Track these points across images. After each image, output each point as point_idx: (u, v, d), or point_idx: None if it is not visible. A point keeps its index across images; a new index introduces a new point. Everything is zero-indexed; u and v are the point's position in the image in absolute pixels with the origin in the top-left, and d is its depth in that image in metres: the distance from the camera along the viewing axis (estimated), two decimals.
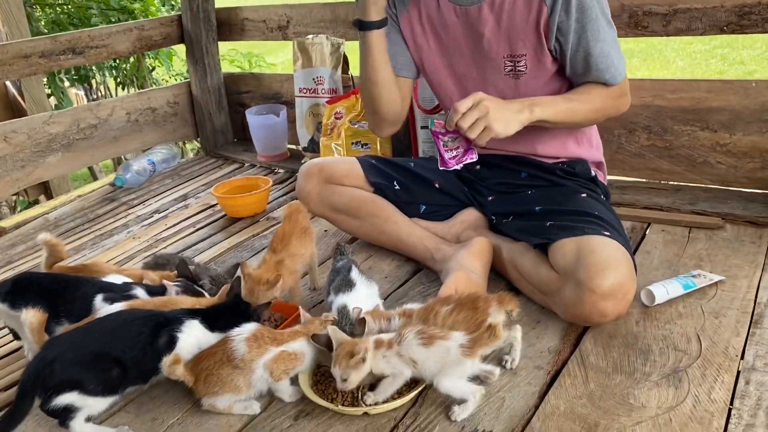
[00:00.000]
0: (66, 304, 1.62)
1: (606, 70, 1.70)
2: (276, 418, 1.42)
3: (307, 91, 2.96)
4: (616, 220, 1.75)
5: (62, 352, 1.38)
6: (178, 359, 1.38)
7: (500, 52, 1.77)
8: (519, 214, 1.85)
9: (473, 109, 1.60)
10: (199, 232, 2.50)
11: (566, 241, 1.62)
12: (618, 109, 1.84)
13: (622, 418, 1.32)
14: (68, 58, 2.87)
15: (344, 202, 2.05)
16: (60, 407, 1.35)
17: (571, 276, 1.55)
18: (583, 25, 1.65)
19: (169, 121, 3.37)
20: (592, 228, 1.62)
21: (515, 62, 1.76)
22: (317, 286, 1.92)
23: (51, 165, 2.89)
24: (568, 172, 1.90)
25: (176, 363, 1.37)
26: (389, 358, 1.37)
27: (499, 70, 1.79)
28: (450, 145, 1.76)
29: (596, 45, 1.66)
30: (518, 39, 1.72)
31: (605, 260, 1.52)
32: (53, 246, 1.80)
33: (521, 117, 1.66)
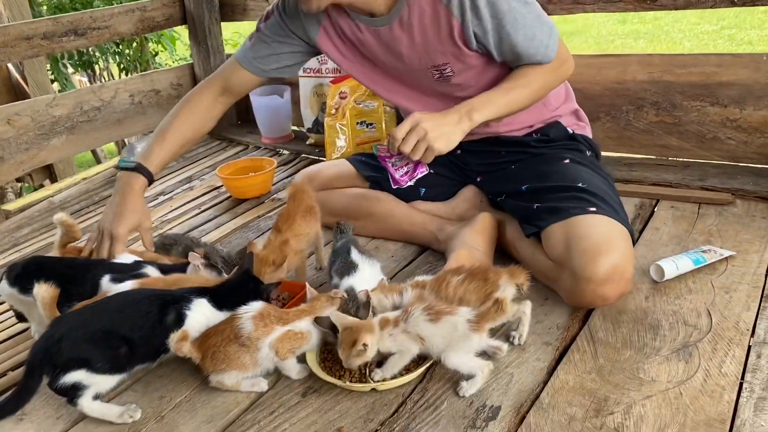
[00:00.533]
0: (78, 287, 1.62)
1: (535, 53, 1.64)
2: (284, 395, 1.41)
3: (311, 71, 2.93)
4: (605, 184, 1.72)
5: (70, 329, 1.38)
6: (186, 336, 1.37)
7: (423, 65, 1.73)
8: (508, 193, 1.83)
9: (412, 133, 1.60)
10: (204, 214, 2.49)
11: (555, 227, 1.60)
12: (562, 78, 1.77)
13: (632, 392, 1.31)
14: (70, 39, 2.85)
15: (341, 204, 2.06)
16: (68, 385, 1.35)
17: (566, 265, 1.55)
18: (499, 21, 1.58)
19: (172, 104, 3.28)
20: (578, 206, 1.60)
21: (441, 70, 1.72)
22: (323, 265, 1.91)
23: (55, 148, 2.88)
24: (543, 140, 1.87)
25: (183, 340, 1.37)
26: (396, 335, 1.36)
27: (428, 77, 1.77)
28: (398, 164, 1.78)
29: (518, 35, 1.59)
30: (436, 52, 1.68)
31: (596, 244, 1.50)
32: (68, 226, 1.79)
33: (462, 127, 1.63)
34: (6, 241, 2.42)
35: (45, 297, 1.45)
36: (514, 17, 1.58)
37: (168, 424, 1.37)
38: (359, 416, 1.33)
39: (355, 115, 2.61)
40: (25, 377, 1.36)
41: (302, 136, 3.14)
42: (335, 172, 2.10)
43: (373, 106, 2.60)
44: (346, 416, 1.34)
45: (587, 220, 1.56)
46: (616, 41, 7.21)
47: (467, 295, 1.42)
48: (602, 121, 2.43)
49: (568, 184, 1.68)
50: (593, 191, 1.64)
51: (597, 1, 2.29)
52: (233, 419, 1.37)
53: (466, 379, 1.35)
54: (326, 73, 2.89)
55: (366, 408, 1.35)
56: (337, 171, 2.11)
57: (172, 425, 1.36)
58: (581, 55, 2.60)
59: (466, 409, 1.32)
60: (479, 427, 1.27)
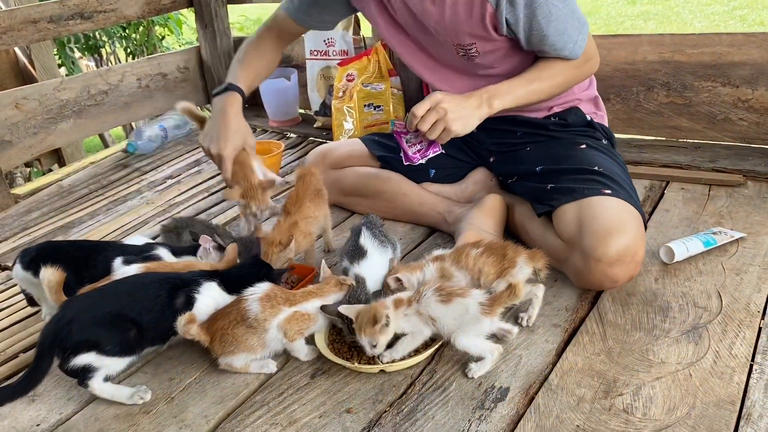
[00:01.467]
0: (90, 270, 1.63)
1: (563, 47, 1.62)
2: (293, 377, 1.42)
3: (318, 54, 2.91)
4: (620, 169, 1.71)
5: (79, 312, 1.38)
6: (193, 318, 1.37)
7: (449, 41, 1.71)
8: (521, 175, 1.82)
9: (431, 112, 1.63)
10: (212, 197, 2.49)
11: (567, 207, 1.59)
12: (586, 75, 1.78)
13: (641, 373, 1.30)
14: (77, 23, 2.84)
15: (351, 183, 2.06)
16: (78, 367, 1.36)
17: (576, 245, 1.53)
18: (532, 11, 1.55)
19: (180, 87, 3.34)
20: (592, 188, 1.59)
21: (466, 49, 1.71)
22: (331, 248, 1.91)
23: (63, 132, 2.88)
24: (561, 125, 1.86)
25: (191, 322, 1.37)
26: (410, 316, 1.36)
27: (452, 54, 1.75)
28: (413, 141, 1.77)
29: (549, 26, 1.57)
30: (464, 32, 1.66)
31: (608, 225, 1.49)
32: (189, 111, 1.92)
33: (480, 113, 1.65)
34: (15, 225, 2.43)
35: (51, 281, 1.45)
36: (548, 9, 1.55)
37: (178, 405, 1.38)
38: (368, 397, 1.34)
39: (363, 98, 2.60)
40: (36, 359, 1.36)
41: (310, 119, 3.13)
42: (347, 150, 2.10)
43: (381, 89, 2.59)
44: (354, 397, 1.34)
45: (601, 202, 1.55)
46: (626, 23, 7.12)
47: (486, 267, 1.44)
48: (612, 102, 2.41)
49: (583, 167, 1.67)
50: (608, 174, 1.63)
51: None
52: (243, 400, 1.37)
53: (475, 360, 1.35)
54: (333, 55, 2.87)
55: (375, 389, 1.35)
56: (349, 150, 2.10)
57: (182, 406, 1.37)
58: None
59: (475, 390, 1.32)
60: (488, 408, 1.27)
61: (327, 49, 2.88)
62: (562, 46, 1.62)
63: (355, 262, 1.56)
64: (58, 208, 2.55)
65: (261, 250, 1.64)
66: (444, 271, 1.49)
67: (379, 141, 2.06)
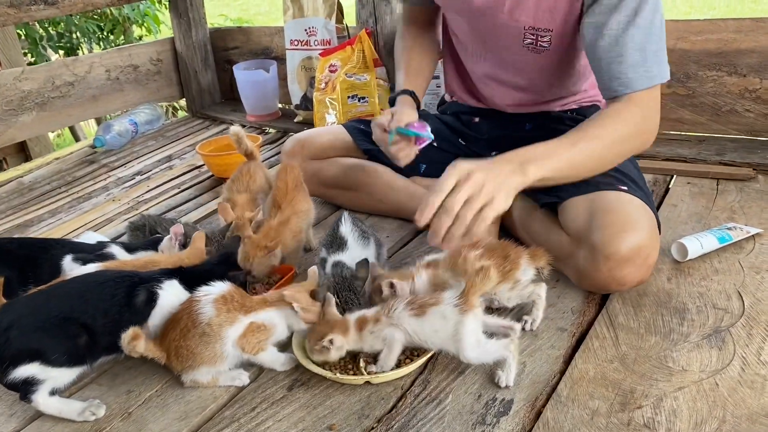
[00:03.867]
0: (34, 269, 1.46)
1: (633, 66, 1.33)
2: (267, 389, 1.25)
3: (298, 44, 2.75)
4: (636, 171, 1.57)
5: (20, 317, 1.20)
6: (138, 334, 1.18)
7: (522, 22, 1.50)
8: None
9: (461, 186, 1.20)
10: (183, 194, 2.31)
11: (578, 199, 1.43)
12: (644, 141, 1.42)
13: (661, 383, 1.15)
14: (40, 8, 2.65)
15: (334, 174, 1.89)
16: (20, 380, 1.18)
17: (584, 240, 1.37)
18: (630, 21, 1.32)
19: (152, 80, 3.16)
20: (607, 182, 1.43)
21: (538, 35, 1.50)
22: (312, 246, 1.75)
23: (25, 125, 2.69)
24: (577, 120, 1.63)
25: (136, 339, 1.18)
26: (378, 333, 1.21)
27: (516, 40, 1.54)
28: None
29: (629, 29, 1.32)
30: (546, 12, 1.45)
31: (623, 220, 1.33)
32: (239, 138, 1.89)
33: (512, 182, 1.25)
34: None
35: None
36: (636, 11, 1.31)
37: (136, 422, 1.20)
38: (353, 412, 1.17)
39: (346, 89, 2.44)
40: None
41: (290, 113, 2.97)
42: (329, 139, 1.92)
43: (366, 79, 2.43)
44: (338, 412, 1.18)
45: (617, 196, 1.39)
46: None
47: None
48: None
49: None
50: (625, 173, 1.48)
51: None
52: (210, 416, 1.20)
53: (500, 368, 1.19)
54: (315, 45, 2.71)
55: (360, 403, 1.19)
56: (331, 138, 1.93)
57: (141, 423, 1.20)
58: None
59: (474, 403, 1.16)
60: (489, 423, 1.11)
61: (308, 38, 2.72)
62: (633, 64, 1.33)
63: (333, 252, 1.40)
64: (17, 206, 2.36)
65: (239, 249, 1.48)
66: (437, 279, 1.33)
67: (365, 130, 1.90)
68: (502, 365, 1.18)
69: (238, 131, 1.86)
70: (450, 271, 1.31)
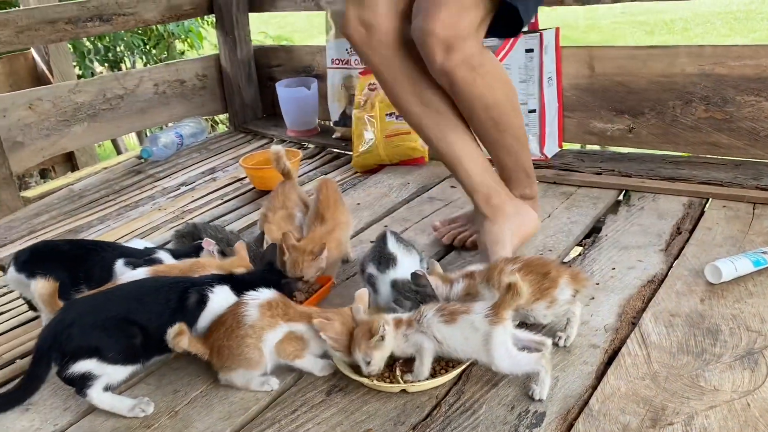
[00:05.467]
0: (86, 270, 1.54)
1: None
2: (307, 393, 1.31)
3: (339, 62, 2.84)
4: None
5: (81, 315, 1.28)
6: (183, 330, 1.26)
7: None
8: None
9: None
10: (226, 204, 2.40)
11: None
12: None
13: (693, 401, 1.18)
14: (95, 25, 2.79)
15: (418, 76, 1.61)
16: (77, 375, 1.26)
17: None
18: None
19: (197, 95, 3.28)
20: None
21: None
22: (350, 258, 1.80)
23: (76, 135, 2.81)
24: None
25: (181, 334, 1.25)
26: (409, 336, 1.26)
27: None
28: None
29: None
30: None
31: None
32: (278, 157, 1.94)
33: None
34: (23, 228, 2.35)
35: (42, 293, 1.36)
36: None
37: (182, 420, 1.27)
38: (389, 418, 1.22)
39: (385, 107, 2.50)
40: (33, 365, 1.26)
41: (328, 129, 3.04)
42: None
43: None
44: (374, 418, 1.22)
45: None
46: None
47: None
48: (647, 116, 2.30)
49: None
50: None
51: None
52: (252, 417, 1.26)
53: (533, 381, 1.23)
54: (356, 64, 2.79)
55: (396, 410, 1.24)
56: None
57: (186, 421, 1.26)
58: (625, 46, 2.49)
59: (507, 414, 1.20)
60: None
61: (349, 57, 2.80)
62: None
63: (384, 270, 1.45)
64: (68, 212, 2.47)
65: (276, 257, 1.54)
66: (472, 289, 1.38)
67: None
68: (536, 379, 1.22)
69: (278, 150, 1.94)
70: (485, 284, 1.35)
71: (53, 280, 1.38)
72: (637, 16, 9.10)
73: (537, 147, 2.38)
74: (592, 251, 1.74)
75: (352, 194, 2.30)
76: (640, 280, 1.58)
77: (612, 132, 2.39)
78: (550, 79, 2.35)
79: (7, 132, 2.56)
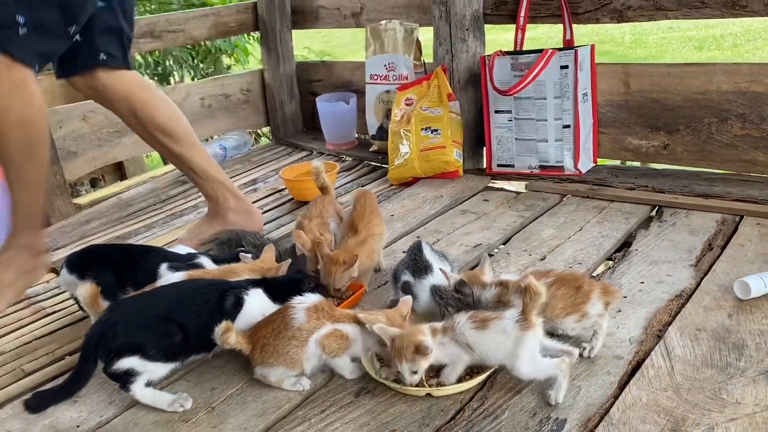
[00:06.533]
0: (131, 273, 1.63)
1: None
2: (337, 394, 1.36)
3: (378, 78, 2.91)
4: None
5: (126, 315, 1.37)
6: (230, 327, 1.33)
7: None
8: None
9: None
10: (266, 214, 2.48)
11: None
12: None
13: (714, 413, 1.19)
14: (146, 41, 2.93)
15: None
16: (121, 371, 1.34)
17: None
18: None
19: (241, 108, 3.40)
20: None
21: None
22: (381, 267, 1.86)
23: (125, 146, 2.95)
24: None
25: (228, 331, 1.33)
26: (446, 345, 1.30)
27: None
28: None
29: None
30: None
31: None
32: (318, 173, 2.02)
33: None
34: (75, 233, 2.48)
35: (86, 297, 1.46)
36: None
37: (218, 416, 1.34)
38: (414, 420, 1.26)
39: (420, 121, 2.57)
40: (80, 361, 1.36)
41: (366, 143, 3.12)
42: None
43: (439, 113, 2.55)
44: (400, 419, 1.27)
45: None
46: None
47: (553, 300, 1.35)
48: (681, 133, 2.30)
49: None
50: None
51: (680, 7, 2.17)
52: (284, 415, 1.32)
53: (550, 386, 1.27)
54: (393, 80, 2.86)
55: (421, 413, 1.28)
56: None
57: (222, 417, 1.33)
58: (660, 63, 2.49)
59: (529, 420, 1.23)
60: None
61: (387, 73, 2.88)
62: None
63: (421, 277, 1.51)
64: (116, 219, 2.59)
65: (304, 265, 1.62)
66: (503, 297, 1.42)
67: None
68: (553, 383, 1.25)
69: (318, 166, 2.01)
70: (515, 293, 1.39)
71: (97, 283, 1.48)
72: (685, 32, 8.97)
73: (571, 162, 2.40)
74: (621, 265, 1.76)
75: (387, 206, 2.36)
76: (668, 294, 1.59)
77: (647, 148, 2.40)
78: (585, 95, 2.38)
79: (62, 142, 2.70)
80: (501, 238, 2.02)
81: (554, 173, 2.43)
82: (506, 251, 1.93)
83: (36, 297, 2.00)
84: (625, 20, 2.31)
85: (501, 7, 2.55)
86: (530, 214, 2.16)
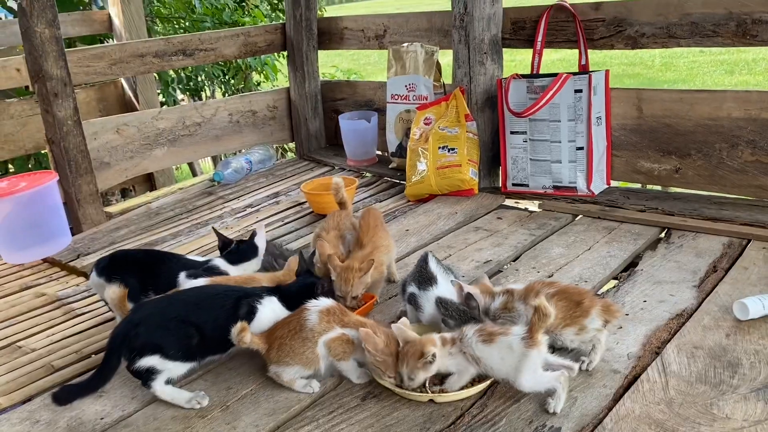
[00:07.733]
0: (153, 278, 1.74)
1: None
2: (344, 397, 1.44)
3: (398, 98, 3.01)
4: None
5: (148, 315, 1.47)
6: (245, 327, 1.42)
7: None
8: None
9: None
10: (287, 226, 2.58)
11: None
12: None
13: (703, 427, 1.24)
14: (179, 59, 3.07)
15: None
16: (143, 369, 1.44)
17: None
18: None
19: (267, 124, 3.52)
20: None
21: None
22: (395, 279, 1.94)
23: (156, 158, 3.08)
24: None
25: (244, 331, 1.41)
26: (455, 355, 1.37)
27: None
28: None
29: None
30: None
31: None
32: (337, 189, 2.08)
33: None
34: (105, 240, 2.60)
35: (114, 298, 1.57)
36: None
37: (232, 413, 1.42)
38: (416, 424, 1.33)
39: (438, 140, 2.65)
40: (105, 357, 1.46)
41: (386, 160, 3.21)
42: None
43: (456, 132, 2.63)
44: (402, 423, 1.34)
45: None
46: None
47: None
48: (693, 158, 2.35)
49: None
50: None
51: (692, 35, 2.24)
52: (294, 415, 1.40)
53: (550, 396, 1.33)
54: (413, 100, 2.95)
55: (423, 417, 1.35)
56: None
57: (236, 414, 1.41)
58: (672, 89, 2.54)
59: (525, 427, 1.29)
60: None
61: (408, 93, 2.97)
62: None
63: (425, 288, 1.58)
64: (145, 227, 2.71)
65: (313, 265, 1.71)
66: (509, 305, 1.49)
67: None
68: (553, 394, 1.31)
69: (338, 183, 2.10)
70: (521, 301, 1.47)
71: (124, 286, 1.59)
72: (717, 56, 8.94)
73: (584, 183, 2.46)
74: (626, 284, 1.81)
75: (402, 221, 2.44)
76: (669, 313, 1.64)
77: (659, 172, 2.45)
78: (599, 118, 2.44)
79: (96, 153, 2.84)
80: (511, 255, 2.09)
81: (567, 194, 2.50)
82: (515, 267, 2.00)
83: (67, 299, 2.12)
84: (639, 47, 2.37)
85: (519, 32, 2.64)
86: (541, 233, 2.22)
